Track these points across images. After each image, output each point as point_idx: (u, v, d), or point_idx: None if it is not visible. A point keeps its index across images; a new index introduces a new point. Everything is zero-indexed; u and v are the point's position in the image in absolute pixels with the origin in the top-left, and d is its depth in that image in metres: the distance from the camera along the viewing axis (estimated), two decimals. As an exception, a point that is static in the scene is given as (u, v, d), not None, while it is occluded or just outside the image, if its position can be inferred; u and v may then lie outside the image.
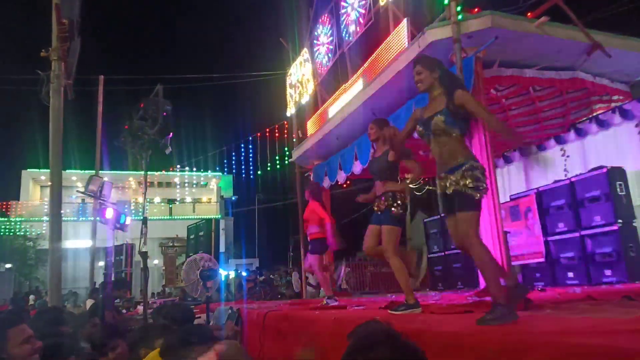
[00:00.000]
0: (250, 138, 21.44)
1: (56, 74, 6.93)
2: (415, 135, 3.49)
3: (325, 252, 6.56)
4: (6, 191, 28.81)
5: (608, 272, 6.61)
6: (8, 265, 23.55)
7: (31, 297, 18.85)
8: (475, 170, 2.88)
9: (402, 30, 7.85)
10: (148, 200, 6.63)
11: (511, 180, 11.02)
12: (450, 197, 2.96)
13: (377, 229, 4.09)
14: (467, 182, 2.84)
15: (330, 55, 11.08)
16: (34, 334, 2.59)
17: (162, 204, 30.54)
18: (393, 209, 3.99)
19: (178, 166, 28.12)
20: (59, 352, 2.70)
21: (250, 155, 21.87)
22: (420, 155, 9.40)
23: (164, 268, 17.55)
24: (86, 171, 21.32)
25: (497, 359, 1.96)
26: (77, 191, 16.44)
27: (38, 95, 6.96)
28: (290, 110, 13.35)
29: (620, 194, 6.85)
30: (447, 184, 2.94)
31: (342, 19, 10.31)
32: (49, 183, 6.74)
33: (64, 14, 6.78)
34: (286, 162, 15.88)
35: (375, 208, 4.13)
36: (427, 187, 13.19)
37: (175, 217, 28.46)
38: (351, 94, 9.43)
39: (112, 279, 13.77)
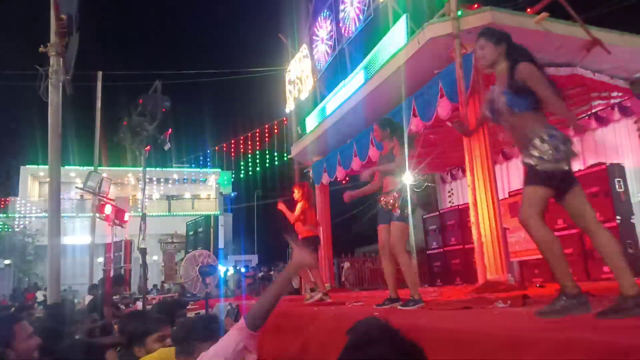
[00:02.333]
0: (250, 134, 21.45)
1: (55, 70, 6.90)
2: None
3: (317, 250, 6.63)
4: (5, 187, 28.80)
5: (606, 269, 6.62)
6: (7, 262, 23.55)
7: (39, 293, 18.78)
8: (554, 140, 2.51)
9: (401, 26, 7.83)
10: (147, 196, 6.62)
11: (510, 177, 11.02)
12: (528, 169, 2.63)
13: (387, 227, 4.15)
14: (538, 155, 2.51)
15: (329, 51, 11.06)
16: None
17: (161, 200, 30.52)
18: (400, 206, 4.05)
19: (177, 162, 28.12)
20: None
21: (249, 151, 21.88)
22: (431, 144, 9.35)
23: (163, 264, 17.57)
24: (85, 167, 21.31)
25: (496, 355, 1.96)
26: (76, 187, 16.46)
27: (37, 91, 6.93)
28: (290, 107, 13.33)
29: (619, 190, 6.86)
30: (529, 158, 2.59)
31: (342, 15, 10.29)
32: (48, 179, 6.72)
33: (63, 9, 6.75)
34: (285, 158, 15.88)
35: (384, 204, 4.16)
36: (426, 183, 13.19)
37: (174, 214, 28.46)
38: (350, 90, 9.42)
39: (111, 275, 13.78)
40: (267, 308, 2.19)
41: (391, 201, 3.84)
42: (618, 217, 6.64)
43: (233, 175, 30.64)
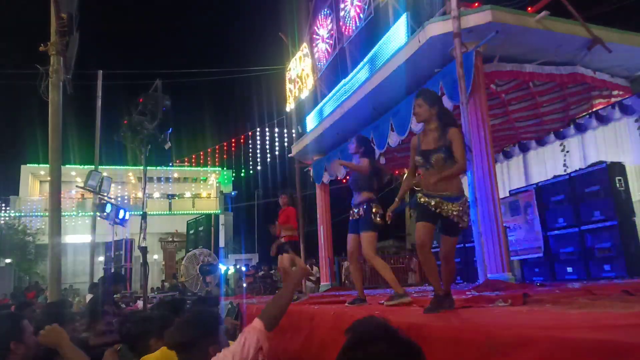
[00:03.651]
0: (250, 133, 21.43)
1: (55, 69, 6.90)
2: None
3: (297, 253, 7.12)
4: (5, 186, 28.80)
5: (607, 267, 6.62)
6: (8, 260, 23.57)
7: (42, 297, 18.79)
8: (466, 205, 3.29)
9: (402, 25, 7.83)
10: (147, 195, 6.63)
11: (511, 175, 11.02)
12: (436, 215, 3.25)
13: (356, 237, 4.57)
14: (463, 215, 3.22)
15: (330, 50, 11.05)
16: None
17: (162, 199, 30.53)
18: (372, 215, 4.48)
19: (177, 161, 28.09)
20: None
21: (250, 150, 21.86)
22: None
23: (163, 263, 17.58)
24: (85, 166, 21.32)
25: (495, 353, 1.96)
26: (77, 186, 16.45)
27: (37, 90, 6.93)
28: (290, 106, 13.33)
29: (619, 189, 6.85)
30: (444, 207, 3.23)
31: (342, 13, 10.28)
32: (49, 178, 6.73)
33: (63, 8, 6.75)
34: (286, 157, 15.87)
35: (356, 215, 4.57)
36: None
37: (175, 213, 28.46)
38: (351, 89, 9.41)
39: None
40: (283, 309, 2.33)
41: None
42: (619, 216, 6.63)
43: (234, 174, 30.62)
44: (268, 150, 20.41)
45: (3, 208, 26.38)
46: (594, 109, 9.08)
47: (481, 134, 6.41)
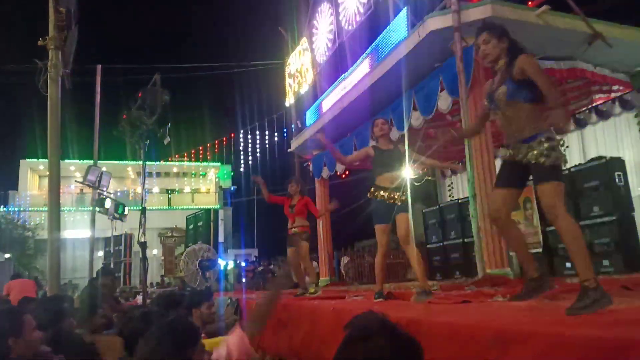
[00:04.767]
0: (249, 128, 21.42)
1: (54, 64, 6.87)
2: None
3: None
4: (4, 181, 28.79)
5: (606, 263, 6.63)
6: (7, 255, 23.59)
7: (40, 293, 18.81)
8: (552, 141, 2.64)
9: (402, 19, 7.80)
10: (146, 190, 6.62)
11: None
12: (522, 167, 2.71)
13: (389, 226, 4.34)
14: (546, 152, 2.59)
15: (329, 44, 11.02)
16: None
17: (161, 194, 30.53)
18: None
19: (177, 156, 28.08)
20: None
21: (249, 145, 21.85)
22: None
23: (163, 258, 17.56)
24: (84, 161, 21.30)
25: (494, 349, 1.96)
26: (76, 181, 16.44)
27: (36, 84, 6.91)
28: (290, 100, 13.30)
29: (619, 184, 6.85)
30: (521, 154, 2.69)
31: (342, 8, 10.24)
32: (48, 173, 6.72)
33: (62, 2, 6.71)
34: (285, 152, 15.84)
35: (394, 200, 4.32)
36: (426, 177, 13.18)
37: (174, 207, 28.48)
38: (350, 83, 9.39)
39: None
40: (263, 322, 2.32)
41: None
42: (618, 211, 6.63)
43: (233, 169, 30.63)
44: (267, 145, 20.41)
45: (2, 203, 26.40)
46: (594, 104, 9.07)
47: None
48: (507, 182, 2.76)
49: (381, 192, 4.36)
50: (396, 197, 4.31)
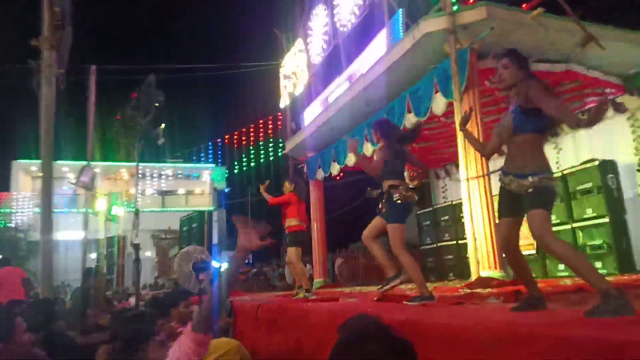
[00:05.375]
0: (244, 130, 21.39)
1: (47, 64, 6.83)
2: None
3: (304, 245, 6.72)
4: (-3, 182, 28.55)
5: (598, 265, 6.66)
6: (-1, 257, 23.41)
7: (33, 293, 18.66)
8: (545, 180, 2.66)
9: (397, 21, 7.81)
10: (140, 191, 6.59)
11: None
12: (517, 196, 2.75)
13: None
14: (535, 184, 2.64)
15: (325, 45, 11.02)
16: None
17: (155, 195, 30.39)
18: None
19: (170, 157, 28.01)
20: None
21: (243, 146, 21.82)
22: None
23: (156, 260, 17.49)
24: (78, 162, 21.16)
25: (488, 351, 1.96)
26: (69, 182, 16.34)
27: (28, 84, 6.86)
28: (284, 102, 13.28)
29: (611, 186, 6.89)
30: (513, 186, 2.76)
31: (337, 9, 10.24)
32: (40, 174, 6.67)
33: (55, 2, 6.68)
34: (280, 153, 15.83)
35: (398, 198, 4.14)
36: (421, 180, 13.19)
37: (168, 209, 28.32)
38: (345, 85, 9.39)
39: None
40: (211, 307, 2.18)
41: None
42: (610, 214, 6.66)
43: (227, 171, 30.56)
44: (262, 147, 20.39)
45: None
46: (587, 107, 9.10)
47: (474, 130, 6.41)
48: (508, 212, 2.85)
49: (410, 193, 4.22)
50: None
